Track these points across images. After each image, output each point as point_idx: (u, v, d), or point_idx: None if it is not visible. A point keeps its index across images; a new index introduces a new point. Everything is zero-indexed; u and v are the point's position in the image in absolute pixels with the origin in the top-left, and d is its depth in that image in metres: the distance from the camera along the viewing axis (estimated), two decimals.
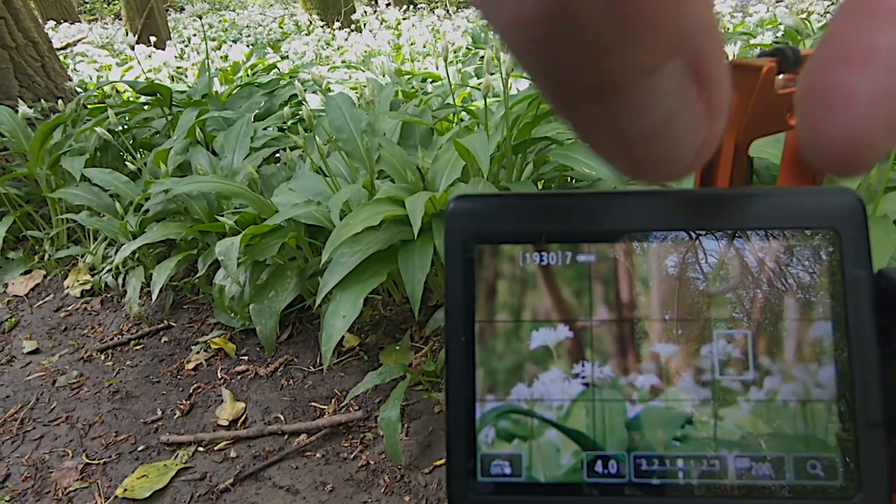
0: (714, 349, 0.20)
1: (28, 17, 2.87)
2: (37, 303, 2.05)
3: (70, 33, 6.24)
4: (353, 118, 1.52)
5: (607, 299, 0.21)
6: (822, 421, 0.20)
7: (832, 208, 0.20)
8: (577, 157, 1.31)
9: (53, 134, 2.23)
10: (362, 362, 1.58)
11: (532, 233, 0.21)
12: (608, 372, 0.20)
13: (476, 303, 0.21)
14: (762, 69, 0.25)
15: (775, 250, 0.20)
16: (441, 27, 4.53)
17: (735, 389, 0.20)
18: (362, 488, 1.23)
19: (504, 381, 0.20)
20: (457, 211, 0.21)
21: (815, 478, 0.19)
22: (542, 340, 0.21)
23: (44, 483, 1.34)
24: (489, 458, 0.20)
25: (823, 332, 0.20)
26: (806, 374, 0.20)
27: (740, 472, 0.20)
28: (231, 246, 1.34)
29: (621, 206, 0.21)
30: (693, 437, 0.20)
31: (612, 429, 0.20)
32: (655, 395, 0.20)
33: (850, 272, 0.20)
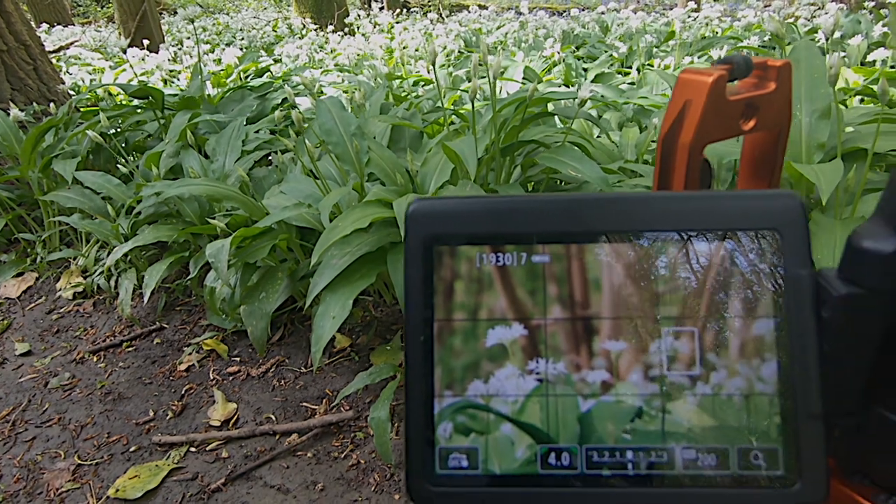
0: (662, 346, 0.21)
1: (20, 20, 2.87)
2: (29, 305, 2.06)
3: (63, 36, 6.23)
4: (343, 121, 1.54)
5: (561, 298, 0.21)
6: (765, 413, 0.20)
7: (775, 211, 0.21)
8: (564, 160, 1.33)
9: (45, 137, 2.23)
10: (353, 363, 1.59)
11: (489, 235, 0.22)
12: (561, 368, 0.21)
13: (435, 302, 0.21)
14: (712, 77, 0.26)
15: (721, 251, 0.21)
16: (434, 31, 4.55)
17: (682, 384, 0.21)
18: (353, 487, 1.24)
19: (461, 377, 0.21)
20: (417, 213, 0.22)
21: (758, 467, 0.20)
22: (498, 338, 0.21)
23: (36, 484, 1.35)
24: (447, 451, 0.21)
25: (766, 329, 0.21)
26: (749, 369, 0.21)
27: (687, 463, 0.20)
28: (221, 248, 1.35)
29: (575, 209, 0.22)
30: (642, 430, 0.21)
31: (564, 423, 0.21)
32: (606, 390, 0.21)
33: (792, 272, 0.21)
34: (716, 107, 0.26)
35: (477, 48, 4.06)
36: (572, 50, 3.40)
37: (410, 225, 0.22)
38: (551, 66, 2.85)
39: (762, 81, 0.28)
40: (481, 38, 4.10)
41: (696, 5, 5.83)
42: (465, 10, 6.96)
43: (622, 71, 2.79)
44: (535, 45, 3.71)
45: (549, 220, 0.21)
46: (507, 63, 2.64)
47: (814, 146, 1.10)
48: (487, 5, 8.19)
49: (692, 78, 0.27)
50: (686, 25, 3.17)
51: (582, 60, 3.15)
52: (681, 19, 2.92)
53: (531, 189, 1.58)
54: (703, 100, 0.26)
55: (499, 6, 8.40)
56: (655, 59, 2.73)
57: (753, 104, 0.28)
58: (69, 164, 2.04)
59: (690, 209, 0.21)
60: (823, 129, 1.11)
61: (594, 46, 3.50)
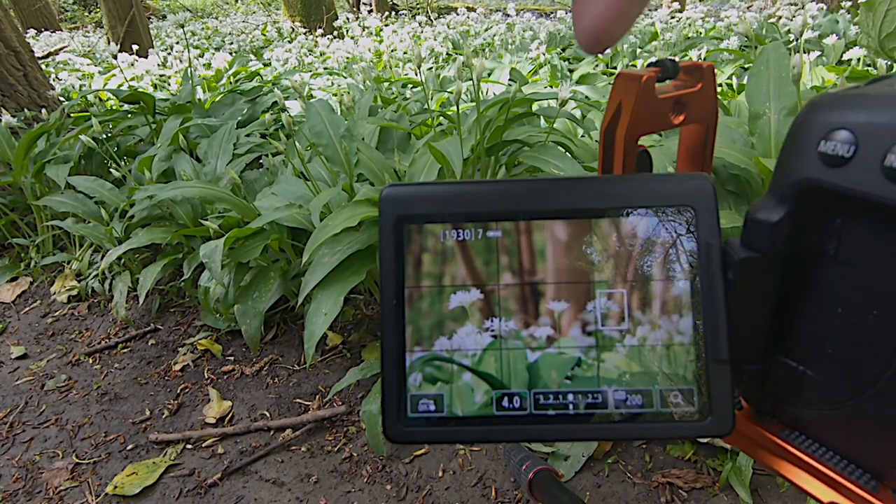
0: (597, 305, 0.25)
1: (9, 26, 2.88)
2: (24, 309, 2.07)
3: (51, 42, 6.21)
4: (332, 124, 1.57)
5: (511, 267, 0.25)
6: (682, 360, 0.24)
7: (691, 190, 0.24)
8: (547, 158, 1.38)
9: (37, 143, 2.25)
10: (345, 360, 1.63)
11: (450, 214, 0.25)
12: (512, 326, 0.25)
13: (405, 272, 0.25)
14: (642, 78, 0.30)
15: (646, 224, 0.24)
16: (422, 33, 4.59)
17: (614, 337, 0.24)
18: (346, 479, 1.28)
19: (428, 335, 0.25)
20: (389, 197, 0.26)
21: (677, 405, 0.24)
22: (459, 302, 0.25)
23: (35, 483, 1.37)
24: (417, 398, 0.25)
25: (683, 290, 0.24)
26: (669, 323, 0.24)
27: (618, 403, 0.24)
28: (215, 248, 1.38)
29: (523, 191, 0.25)
30: (581, 377, 0.24)
31: (515, 372, 0.25)
32: (551, 343, 0.25)
33: (704, 241, 0.24)
34: (647, 103, 0.30)
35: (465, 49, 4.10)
36: (558, 51, 3.45)
37: (383, 207, 0.25)
38: (537, 67, 2.90)
39: (689, 81, 0.32)
40: (466, 40, 4.15)
41: (680, 6, 5.90)
42: (453, 13, 7.01)
43: (607, 72, 2.84)
44: (521, 46, 3.76)
45: (500, 201, 0.25)
46: (494, 65, 2.68)
47: (782, 142, 1.15)
48: (476, 7, 8.24)
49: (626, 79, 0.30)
50: (669, 26, 3.23)
51: (568, 62, 3.20)
52: (663, 21, 2.97)
53: None
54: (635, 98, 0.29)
55: (487, 8, 8.45)
56: (639, 59, 2.78)
57: (681, 101, 0.31)
58: (62, 170, 2.06)
59: (620, 190, 0.25)
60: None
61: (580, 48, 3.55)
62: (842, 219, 0.21)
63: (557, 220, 0.25)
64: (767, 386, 0.25)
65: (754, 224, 0.23)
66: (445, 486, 1.22)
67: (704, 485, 1.14)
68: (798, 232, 0.22)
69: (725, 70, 2.26)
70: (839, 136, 0.20)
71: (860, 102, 0.20)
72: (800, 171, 0.21)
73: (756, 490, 1.11)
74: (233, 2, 12.22)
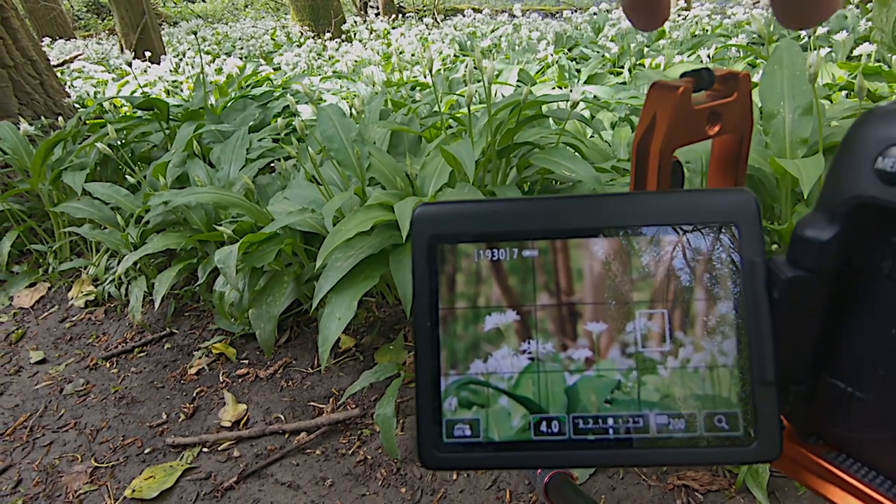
0: (637, 326, 0.24)
1: (26, 36, 2.93)
2: (42, 314, 2.11)
3: (66, 49, 6.31)
4: (344, 128, 1.58)
5: (548, 287, 0.24)
6: (726, 382, 0.23)
7: (733, 206, 0.23)
8: (558, 160, 1.38)
9: (54, 150, 2.29)
10: (358, 362, 1.63)
11: (484, 233, 0.25)
12: (550, 348, 0.24)
13: (439, 293, 0.24)
14: (678, 89, 0.29)
15: (687, 242, 0.24)
16: (429, 36, 4.60)
17: (655, 359, 0.23)
18: (361, 482, 1.28)
19: (464, 358, 0.24)
20: (421, 217, 0.25)
21: (721, 429, 0.23)
22: (495, 323, 0.24)
23: (55, 487, 1.39)
24: (453, 422, 0.24)
25: (726, 310, 0.23)
26: (713, 344, 0.23)
27: (660, 427, 0.23)
28: (230, 254, 1.40)
29: (558, 209, 0.25)
30: (621, 400, 0.24)
31: (553, 395, 0.24)
32: (589, 365, 0.24)
33: (748, 259, 0.23)
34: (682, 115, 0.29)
35: (472, 52, 4.11)
36: (565, 52, 3.44)
37: (416, 226, 0.25)
38: (545, 67, 2.89)
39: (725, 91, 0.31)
40: (473, 42, 4.15)
41: (686, 4, 5.86)
42: (459, 14, 7.01)
43: (614, 71, 2.83)
44: (528, 47, 3.76)
45: (535, 220, 0.24)
46: (502, 66, 2.68)
47: (797, 142, 1.14)
48: (482, 8, 8.24)
49: (661, 90, 0.29)
50: (676, 24, 3.21)
51: (575, 62, 3.19)
52: (670, 19, 2.96)
53: (527, 189, 1.63)
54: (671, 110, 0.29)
55: (493, 9, 8.44)
56: (646, 58, 2.77)
57: (717, 111, 0.30)
58: (78, 176, 2.09)
59: (660, 206, 0.24)
60: (806, 125, 1.15)
61: (586, 47, 3.55)
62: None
63: (595, 238, 0.24)
64: (813, 406, 0.25)
65: (803, 242, 0.22)
66: (460, 489, 1.22)
67: (720, 487, 1.14)
68: (850, 250, 0.21)
69: (735, 67, 2.25)
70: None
71: None
72: (854, 188, 0.20)
73: (773, 492, 1.10)
74: (242, 7, 12.33)
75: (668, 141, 0.29)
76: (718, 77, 0.31)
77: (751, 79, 0.31)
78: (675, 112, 0.29)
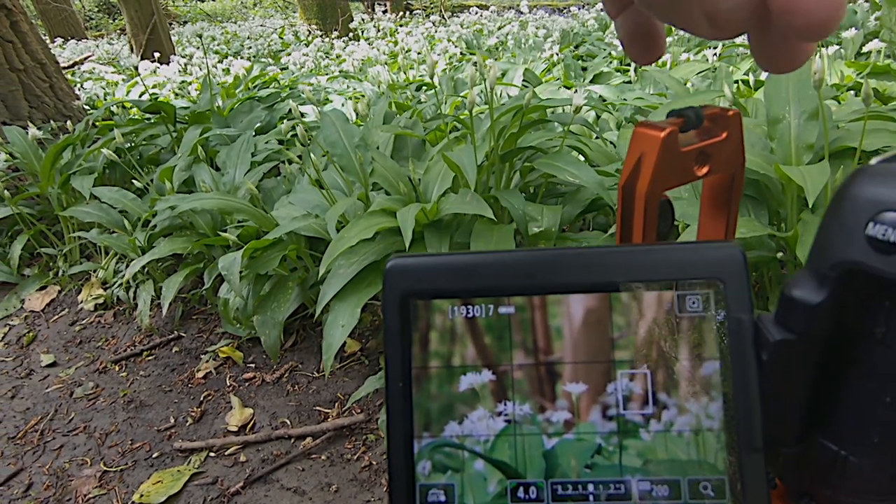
0: (618, 387, 0.23)
1: (35, 39, 2.96)
2: (52, 317, 2.14)
3: (77, 50, 6.37)
4: (347, 133, 1.59)
5: (525, 346, 0.23)
6: (712, 447, 0.22)
7: (718, 261, 0.22)
8: (561, 165, 1.37)
9: (63, 154, 2.31)
10: (363, 366, 1.64)
11: (459, 289, 0.24)
12: (527, 409, 0.23)
13: (412, 351, 0.23)
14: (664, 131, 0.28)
15: (670, 299, 0.23)
16: (436, 34, 4.58)
17: (637, 422, 0.22)
18: (365, 488, 1.29)
19: (437, 419, 0.23)
20: (394, 270, 0.24)
21: (707, 497, 0.22)
22: (470, 383, 0.23)
23: (65, 491, 1.42)
24: (426, 487, 0.23)
25: (712, 370, 0.22)
26: (698, 406, 0.22)
27: (643, 494, 0.22)
28: (233, 261, 1.41)
29: (536, 264, 0.23)
30: (601, 465, 0.22)
31: (531, 459, 0.23)
32: (569, 428, 0.23)
33: (734, 317, 0.22)
34: (669, 158, 0.28)
35: (478, 50, 4.09)
36: (571, 49, 3.41)
37: (388, 281, 0.24)
38: (550, 66, 2.87)
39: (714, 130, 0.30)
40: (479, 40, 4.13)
41: None
42: (466, 11, 6.98)
43: (621, 69, 2.80)
44: (535, 45, 3.73)
45: (512, 275, 0.23)
46: (507, 66, 2.66)
47: (802, 147, 1.12)
48: (489, 5, 8.20)
49: (646, 132, 0.28)
50: None
51: (581, 59, 3.16)
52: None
53: (531, 193, 1.62)
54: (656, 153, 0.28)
55: (500, 5, 8.39)
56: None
57: (706, 152, 0.29)
58: (87, 181, 2.11)
59: (643, 261, 0.23)
60: (812, 131, 1.13)
61: (593, 44, 3.52)
62: (891, 302, 0.20)
63: (574, 295, 0.23)
64: (805, 468, 0.24)
65: (791, 304, 0.21)
66: None
67: None
68: (841, 313, 0.21)
69: (741, 66, 2.22)
70: (890, 219, 0.18)
71: None
72: (844, 253, 0.19)
73: None
74: (250, 6, 12.37)
75: (654, 184, 0.28)
76: (707, 116, 0.29)
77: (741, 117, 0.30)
78: (661, 154, 0.28)
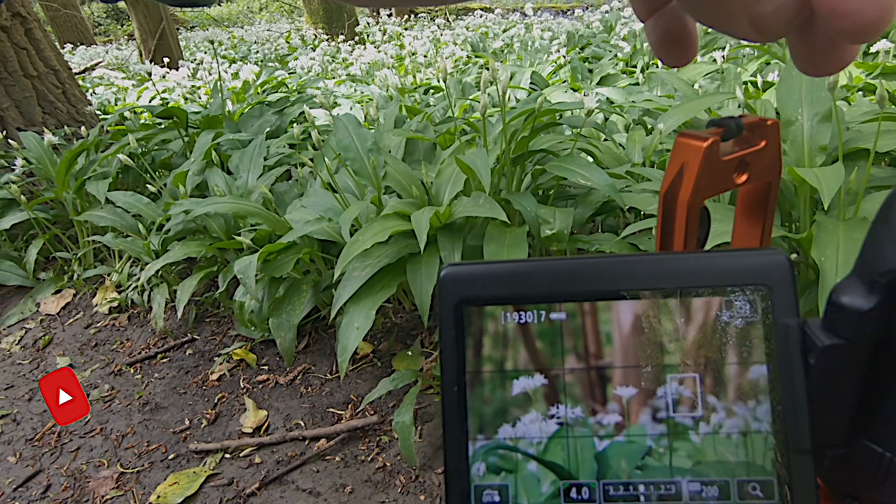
0: (668, 391, 0.23)
1: (48, 46, 3.00)
2: (68, 320, 2.16)
3: (87, 56, 6.44)
4: (360, 138, 1.60)
5: (576, 351, 0.24)
6: (760, 449, 0.23)
7: (765, 267, 0.23)
8: (572, 167, 1.38)
9: (77, 160, 2.34)
10: (376, 368, 1.65)
11: (511, 296, 0.24)
12: (579, 413, 0.24)
13: (466, 356, 0.24)
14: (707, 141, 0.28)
15: (718, 305, 0.23)
16: (441, 37, 4.60)
17: (686, 425, 0.23)
18: (380, 489, 1.30)
19: (491, 422, 0.24)
20: (448, 278, 0.25)
21: (756, 498, 0.22)
22: (522, 388, 0.24)
23: (82, 492, 1.43)
24: (481, 488, 0.24)
25: (759, 374, 0.23)
26: (746, 410, 0.23)
27: (692, 495, 0.23)
28: (249, 265, 1.42)
29: (587, 270, 0.24)
30: (652, 466, 0.23)
31: (583, 461, 0.23)
32: (619, 431, 0.23)
33: (781, 322, 0.23)
34: (710, 167, 0.28)
35: (484, 52, 4.10)
36: (577, 52, 3.42)
37: (442, 289, 0.25)
38: (557, 68, 2.88)
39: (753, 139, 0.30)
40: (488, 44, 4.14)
41: None
42: (471, 14, 7.00)
43: (627, 71, 2.81)
44: (540, 47, 3.74)
45: (563, 282, 0.24)
46: (515, 69, 2.68)
47: (815, 149, 1.12)
48: (493, 8, 8.21)
49: (688, 142, 0.29)
50: None
51: (587, 61, 3.17)
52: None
53: (542, 196, 1.63)
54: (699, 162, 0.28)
55: (504, 8, 8.41)
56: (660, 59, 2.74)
57: (745, 161, 0.30)
58: (101, 185, 2.14)
59: (691, 268, 0.24)
60: (825, 132, 1.13)
61: (598, 46, 3.52)
62: None
63: (624, 301, 0.24)
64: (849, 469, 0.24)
65: (840, 310, 0.21)
66: None
67: None
68: (889, 319, 0.21)
69: (749, 67, 2.22)
70: None
71: None
72: (894, 261, 0.20)
73: None
74: (257, 10, 12.45)
75: (695, 192, 0.29)
76: (746, 125, 0.30)
77: (779, 127, 0.31)
78: (703, 164, 0.28)
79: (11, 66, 2.73)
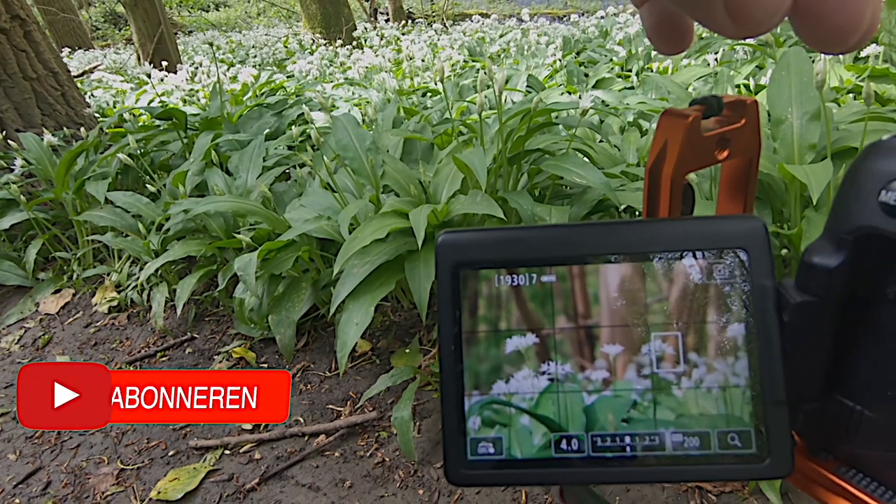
0: (652, 348, 0.25)
1: (47, 48, 3.02)
2: (67, 320, 2.17)
3: (85, 60, 6.45)
4: (359, 137, 1.62)
5: (566, 311, 0.25)
6: (739, 402, 0.24)
7: (742, 232, 0.25)
8: (568, 167, 1.40)
9: (77, 160, 2.36)
10: (375, 365, 1.67)
11: (504, 260, 0.26)
12: (568, 369, 0.25)
13: (462, 317, 0.26)
14: (689, 117, 0.30)
15: (699, 267, 0.25)
16: (438, 41, 4.64)
17: (669, 380, 0.25)
18: (379, 484, 1.31)
19: (486, 379, 0.25)
20: (444, 243, 0.26)
21: (735, 447, 0.24)
22: (515, 346, 0.25)
23: (83, 489, 1.44)
24: (476, 441, 0.25)
25: (738, 332, 0.24)
26: (725, 365, 0.24)
27: (675, 445, 0.24)
28: (249, 262, 1.44)
29: (576, 235, 0.26)
30: (637, 419, 0.25)
31: (573, 414, 0.25)
32: (607, 386, 0.25)
33: (758, 283, 0.24)
34: (693, 142, 0.30)
35: (481, 56, 4.14)
36: (573, 56, 3.46)
37: (440, 253, 0.26)
38: (553, 72, 2.92)
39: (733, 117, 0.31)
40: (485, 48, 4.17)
41: None
42: (467, 19, 7.05)
43: (622, 75, 2.84)
44: (537, 52, 3.78)
45: (553, 247, 0.26)
46: (511, 72, 2.71)
47: (805, 147, 1.15)
48: (490, 13, 8.27)
49: (672, 118, 0.30)
50: None
51: (583, 66, 3.21)
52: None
53: (538, 195, 1.65)
54: (682, 138, 0.29)
55: (501, 14, 8.47)
56: (654, 62, 2.78)
57: (726, 137, 0.31)
58: (101, 186, 2.15)
59: (673, 233, 0.25)
60: (814, 131, 1.16)
61: (594, 51, 3.56)
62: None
63: (610, 265, 0.25)
64: (823, 423, 0.26)
65: (810, 268, 0.23)
66: (476, 491, 1.25)
67: (734, 489, 1.15)
68: (856, 276, 0.22)
69: (742, 70, 2.25)
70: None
71: None
72: (859, 218, 0.21)
73: (786, 494, 1.12)
74: (255, 15, 12.50)
75: (678, 167, 0.30)
76: (727, 104, 0.32)
77: (758, 105, 0.32)
78: (686, 139, 0.29)
79: (11, 69, 2.75)
